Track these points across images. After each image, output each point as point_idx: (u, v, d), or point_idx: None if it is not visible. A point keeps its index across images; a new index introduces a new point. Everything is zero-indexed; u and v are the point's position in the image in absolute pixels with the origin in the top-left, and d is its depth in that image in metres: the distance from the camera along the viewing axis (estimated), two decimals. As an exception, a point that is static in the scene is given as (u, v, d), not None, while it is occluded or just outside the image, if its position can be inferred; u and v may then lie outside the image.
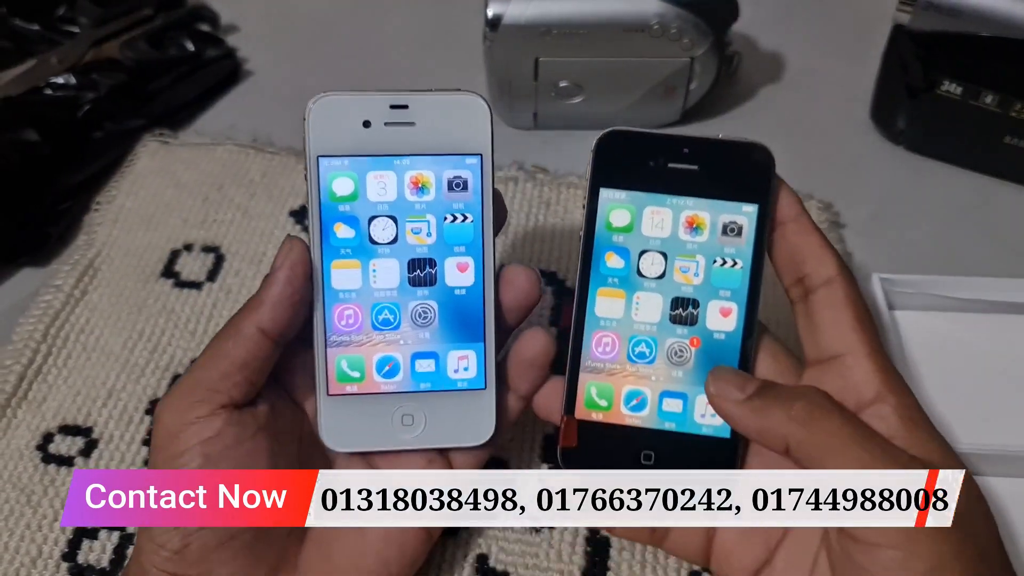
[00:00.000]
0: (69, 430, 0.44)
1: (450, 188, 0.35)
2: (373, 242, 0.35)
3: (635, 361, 0.35)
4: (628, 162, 0.35)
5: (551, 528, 0.40)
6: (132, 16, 0.61)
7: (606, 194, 0.35)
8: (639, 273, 0.35)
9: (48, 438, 0.43)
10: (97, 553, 0.40)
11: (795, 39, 0.66)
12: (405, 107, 0.34)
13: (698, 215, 0.34)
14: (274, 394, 0.35)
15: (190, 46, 0.62)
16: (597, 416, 0.35)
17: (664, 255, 0.35)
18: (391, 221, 0.35)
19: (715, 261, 0.34)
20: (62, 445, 0.43)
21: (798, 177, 0.52)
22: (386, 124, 0.34)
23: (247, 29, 0.68)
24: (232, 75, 0.64)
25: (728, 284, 0.34)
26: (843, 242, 0.53)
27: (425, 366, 0.35)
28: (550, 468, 0.42)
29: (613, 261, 0.35)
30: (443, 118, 0.34)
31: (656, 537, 0.36)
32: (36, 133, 0.52)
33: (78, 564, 0.39)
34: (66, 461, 0.43)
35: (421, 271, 0.35)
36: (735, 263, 0.34)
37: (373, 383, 0.35)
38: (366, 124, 0.34)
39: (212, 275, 0.50)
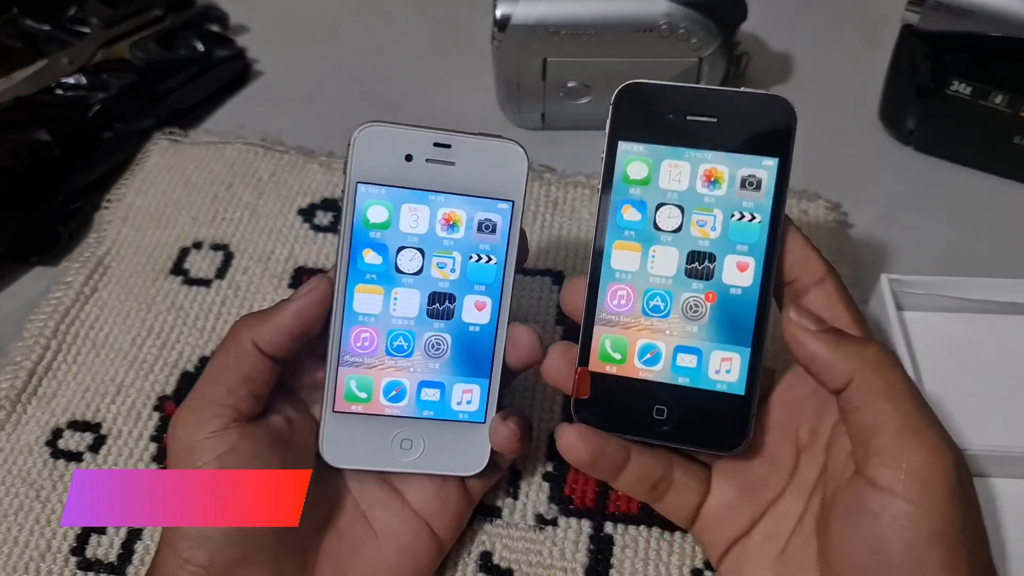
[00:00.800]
0: (78, 426, 0.44)
1: (479, 229, 0.36)
2: (399, 271, 0.36)
3: (650, 315, 0.35)
4: (646, 115, 0.35)
5: (555, 525, 0.40)
6: (142, 17, 0.61)
7: (624, 147, 0.35)
8: (656, 227, 0.35)
9: (57, 433, 0.44)
10: (105, 548, 0.40)
11: (804, 39, 0.66)
12: (448, 146, 0.35)
13: (716, 168, 0.34)
14: (292, 408, 0.36)
15: (200, 46, 0.62)
16: (611, 369, 0.35)
17: (681, 208, 0.34)
18: (419, 253, 0.36)
19: (733, 215, 0.34)
20: (71, 441, 0.44)
21: (807, 177, 0.52)
22: (427, 160, 0.35)
23: (257, 30, 0.69)
24: (242, 75, 0.64)
25: (746, 238, 0.34)
26: (851, 242, 0.53)
27: (430, 395, 0.36)
28: (554, 467, 0.42)
29: (630, 214, 0.35)
30: (482, 162, 0.35)
31: (656, 494, 0.36)
32: (47, 133, 0.53)
33: (86, 558, 0.40)
34: (75, 457, 0.43)
35: (440, 304, 0.36)
36: (753, 217, 0.34)
37: (379, 405, 0.36)
38: (408, 158, 0.35)
39: (221, 273, 0.51)
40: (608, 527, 0.40)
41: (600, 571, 0.39)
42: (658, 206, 0.35)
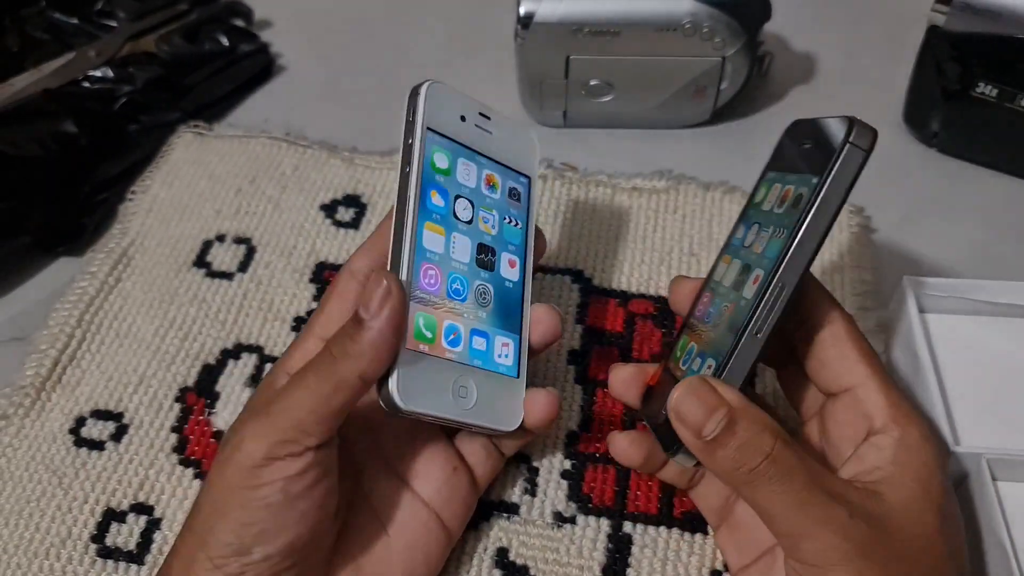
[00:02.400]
0: (101, 415, 0.45)
1: (510, 195, 0.40)
2: (456, 217, 0.37)
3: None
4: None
5: (573, 523, 0.40)
6: (168, 11, 0.62)
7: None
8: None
9: (80, 422, 0.44)
10: (125, 536, 0.41)
11: (828, 40, 0.66)
12: (488, 118, 0.39)
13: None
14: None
15: (225, 41, 0.62)
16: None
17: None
18: (470, 204, 0.38)
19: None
20: (94, 429, 0.44)
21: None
22: (475, 125, 0.39)
23: (280, 25, 0.69)
24: (266, 70, 0.65)
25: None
26: (874, 246, 0.52)
27: (479, 344, 0.37)
28: (573, 465, 0.42)
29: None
30: (509, 139, 0.40)
31: (692, 482, 0.39)
32: (74, 125, 0.53)
33: (106, 546, 0.40)
34: (97, 445, 0.43)
35: (485, 256, 0.38)
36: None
37: (441, 347, 0.36)
38: (462, 119, 0.38)
39: (243, 266, 0.51)
40: (627, 526, 0.40)
41: (617, 570, 0.39)
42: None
